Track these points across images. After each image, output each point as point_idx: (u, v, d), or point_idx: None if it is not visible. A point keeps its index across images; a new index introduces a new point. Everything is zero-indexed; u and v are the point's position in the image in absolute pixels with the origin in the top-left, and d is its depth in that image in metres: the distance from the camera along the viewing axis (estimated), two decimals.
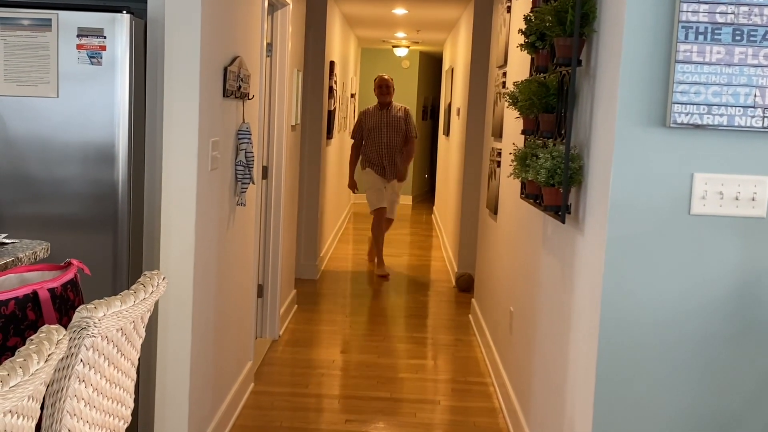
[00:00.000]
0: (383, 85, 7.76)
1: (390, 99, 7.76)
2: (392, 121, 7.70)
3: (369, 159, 7.73)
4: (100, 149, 2.98)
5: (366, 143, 7.74)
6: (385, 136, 7.67)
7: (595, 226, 2.52)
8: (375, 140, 7.68)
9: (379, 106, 7.76)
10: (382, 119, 7.70)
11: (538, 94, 3.00)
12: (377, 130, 7.69)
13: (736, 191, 2.30)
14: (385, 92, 7.73)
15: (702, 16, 2.24)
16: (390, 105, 7.75)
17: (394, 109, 7.76)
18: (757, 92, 2.25)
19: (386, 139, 7.65)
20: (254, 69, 4.13)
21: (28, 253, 2.06)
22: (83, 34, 2.90)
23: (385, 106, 7.73)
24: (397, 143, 7.71)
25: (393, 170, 7.74)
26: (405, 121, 7.75)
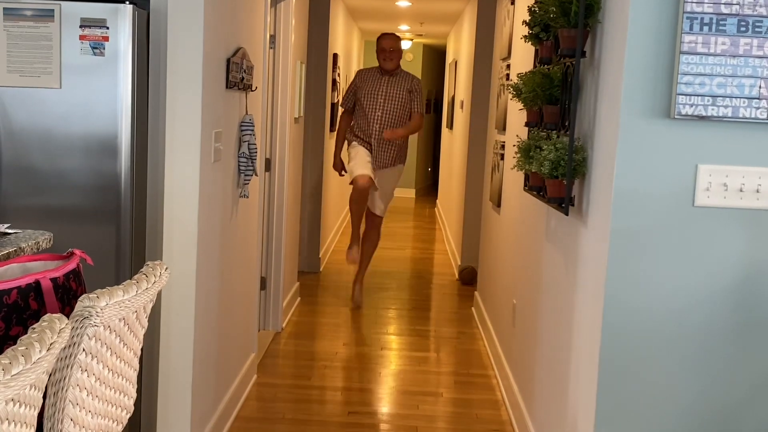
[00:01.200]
0: (387, 49, 6.09)
1: (395, 65, 6.12)
2: (393, 91, 6.09)
3: (356, 134, 6.19)
4: (103, 140, 2.97)
5: (356, 113, 6.17)
6: (380, 109, 6.05)
7: (599, 218, 2.51)
8: (367, 111, 6.06)
9: (380, 71, 6.15)
10: (380, 86, 6.09)
11: (542, 86, 2.99)
12: (372, 98, 6.07)
13: (740, 183, 2.30)
14: (389, 58, 6.09)
15: (707, 7, 2.22)
16: (395, 72, 6.16)
17: (400, 77, 6.16)
18: (762, 83, 2.24)
19: (380, 112, 6.05)
20: (257, 61, 4.13)
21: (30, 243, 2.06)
22: (86, 24, 2.89)
23: (388, 73, 6.14)
24: (395, 120, 6.08)
25: (385, 155, 6.13)
26: (410, 94, 6.14)
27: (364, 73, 6.29)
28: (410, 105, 6.12)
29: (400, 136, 6.05)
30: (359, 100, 6.12)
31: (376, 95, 6.07)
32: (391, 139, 6.01)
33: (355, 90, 6.19)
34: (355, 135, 6.17)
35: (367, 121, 6.07)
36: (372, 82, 6.14)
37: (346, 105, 6.28)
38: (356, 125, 6.17)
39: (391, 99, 6.08)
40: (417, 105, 6.17)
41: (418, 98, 6.16)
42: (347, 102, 6.26)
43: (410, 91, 6.11)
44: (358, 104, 6.13)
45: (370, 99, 6.08)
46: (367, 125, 6.07)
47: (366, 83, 6.16)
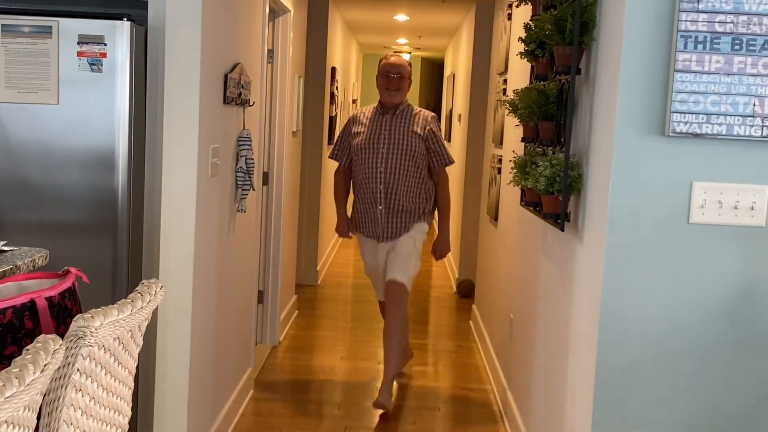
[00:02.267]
0: (392, 73, 4.44)
1: (400, 99, 4.43)
2: (399, 136, 4.36)
3: (358, 199, 4.51)
4: (100, 155, 2.98)
5: (355, 171, 4.49)
6: (383, 162, 4.34)
7: (595, 234, 2.52)
8: (365, 167, 4.38)
9: (380, 108, 4.45)
10: (380, 130, 4.39)
11: (538, 102, 3.00)
12: (370, 149, 4.37)
13: (735, 200, 2.30)
14: (394, 85, 4.41)
15: (701, 26, 2.24)
16: (399, 108, 4.42)
17: (406, 115, 4.42)
18: (756, 101, 2.25)
19: (384, 162, 4.33)
20: (255, 75, 4.14)
21: (26, 261, 2.07)
22: (84, 41, 2.91)
23: (391, 109, 4.42)
24: (405, 177, 4.35)
25: (398, 222, 4.41)
26: (426, 137, 4.39)
27: (359, 115, 4.52)
28: (425, 156, 4.38)
29: (448, 245, 4.65)
30: (355, 153, 4.43)
31: (375, 144, 4.35)
32: (444, 255, 4.65)
33: (348, 139, 4.51)
34: (354, 207, 4.57)
35: (368, 182, 4.37)
36: (369, 125, 4.41)
37: (338, 158, 4.57)
38: (356, 187, 4.51)
39: (397, 147, 4.33)
40: (438, 157, 4.40)
41: (438, 146, 4.39)
42: (340, 156, 4.55)
43: (426, 136, 4.37)
44: (355, 158, 4.44)
45: (367, 150, 4.36)
46: (369, 186, 4.38)
47: (362, 128, 4.44)
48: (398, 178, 4.33)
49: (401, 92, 4.42)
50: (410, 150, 4.32)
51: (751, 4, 2.23)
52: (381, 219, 4.37)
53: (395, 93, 4.39)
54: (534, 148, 3.24)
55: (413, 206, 4.38)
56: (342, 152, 4.56)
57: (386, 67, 4.45)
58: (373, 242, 4.47)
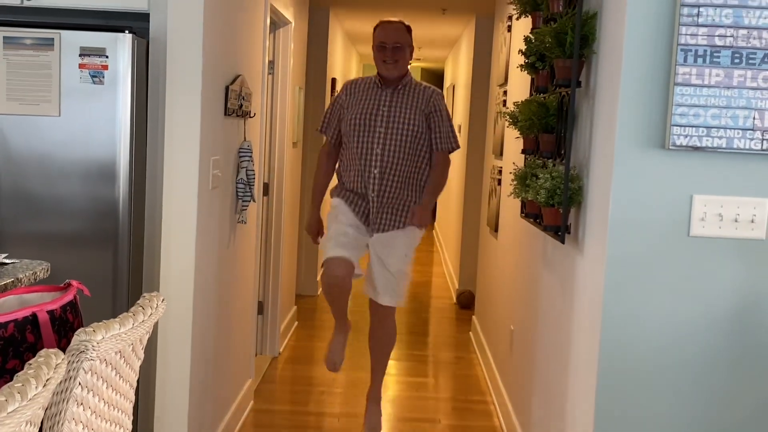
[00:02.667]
0: (388, 43, 3.80)
1: (400, 72, 3.81)
2: (401, 113, 3.78)
3: (343, 182, 3.92)
4: (101, 167, 2.99)
5: (344, 149, 3.90)
6: (380, 142, 3.74)
7: (595, 247, 2.52)
8: (359, 146, 3.78)
9: (378, 81, 3.85)
10: (379, 105, 3.80)
11: (538, 115, 3.00)
12: (366, 126, 3.78)
13: (735, 213, 2.31)
14: (391, 57, 3.78)
15: (701, 39, 2.25)
16: (402, 82, 3.83)
17: (410, 91, 3.83)
18: (756, 115, 2.26)
19: (381, 147, 3.74)
20: (256, 87, 4.15)
21: (27, 274, 2.07)
22: (85, 53, 2.92)
23: (392, 84, 3.82)
24: (405, 161, 3.77)
25: (390, 214, 3.82)
26: (428, 113, 3.80)
27: (355, 85, 3.90)
28: (427, 136, 3.80)
29: (429, 206, 3.88)
30: (347, 127, 3.80)
31: (372, 120, 3.75)
32: (421, 221, 3.80)
33: (339, 111, 3.88)
34: (342, 183, 3.91)
35: (361, 163, 3.75)
36: (366, 99, 3.81)
37: (326, 132, 3.95)
38: (343, 168, 3.88)
39: (398, 126, 3.75)
40: (440, 137, 3.82)
41: (441, 124, 3.82)
42: (328, 129, 3.93)
43: (428, 113, 3.79)
44: (346, 135, 3.82)
45: (363, 127, 3.75)
46: (361, 168, 3.76)
47: (357, 101, 3.82)
48: (396, 163, 3.75)
49: (401, 64, 3.78)
50: (412, 132, 3.75)
51: (751, 18, 2.24)
52: (373, 207, 3.78)
53: (393, 66, 3.75)
54: (534, 160, 3.24)
55: (411, 198, 3.80)
56: (331, 125, 3.91)
57: (380, 36, 3.80)
58: (357, 219, 3.82)
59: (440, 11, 7.02)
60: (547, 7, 2.98)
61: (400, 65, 3.78)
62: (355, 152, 3.78)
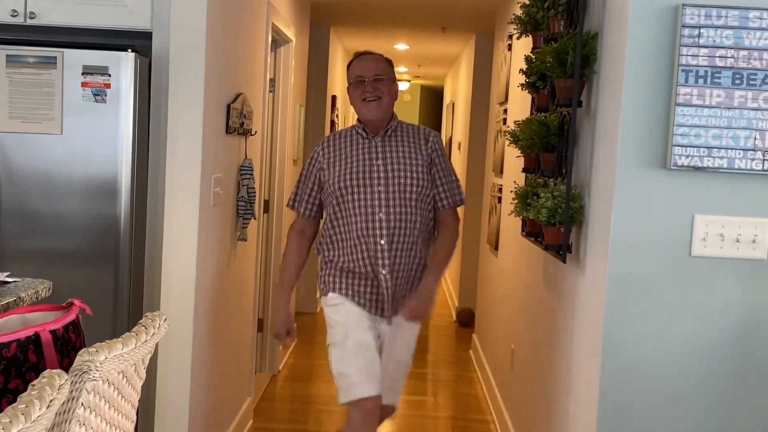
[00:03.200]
0: (366, 76, 3.09)
1: (384, 111, 3.09)
2: (400, 163, 3.05)
3: (334, 263, 3.11)
4: (103, 185, 2.99)
5: (331, 225, 3.11)
6: (382, 201, 3.01)
7: (597, 266, 2.52)
8: (356, 211, 3.02)
9: (363, 129, 3.12)
10: (372, 158, 3.07)
11: (539, 134, 3.01)
12: (361, 185, 3.03)
13: (736, 233, 2.31)
14: (372, 93, 3.06)
15: (702, 60, 2.26)
16: (391, 125, 3.12)
17: (404, 135, 3.13)
18: (757, 135, 2.27)
19: (385, 206, 3.01)
20: (257, 105, 4.16)
21: (30, 293, 2.07)
22: (88, 72, 2.93)
23: (380, 129, 3.10)
24: (412, 218, 3.04)
25: (402, 290, 3.08)
26: (430, 160, 3.10)
27: (333, 140, 3.15)
28: (431, 188, 3.07)
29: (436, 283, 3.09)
30: (336, 194, 3.03)
31: (368, 179, 3.01)
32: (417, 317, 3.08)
33: (317, 176, 3.13)
34: (332, 267, 3.10)
35: (361, 235, 2.99)
36: (353, 154, 3.06)
37: (300, 207, 3.18)
38: (331, 247, 3.10)
39: (400, 180, 3.01)
40: (447, 189, 3.12)
41: (446, 173, 3.13)
42: (302, 201, 3.17)
43: (430, 160, 3.08)
44: (333, 203, 3.05)
45: (358, 189, 3.00)
46: (362, 242, 3.00)
47: (341, 159, 3.07)
48: (405, 227, 2.99)
49: (384, 102, 3.03)
50: (418, 184, 3.00)
51: (752, 39, 2.25)
52: (387, 289, 3.00)
53: (376, 104, 3.02)
54: (535, 178, 3.25)
55: (423, 264, 3.08)
56: (305, 195, 3.14)
57: (356, 70, 3.09)
58: (368, 315, 3.04)
59: (440, 29, 7.06)
60: (547, 27, 2.99)
61: (384, 103, 3.03)
62: (350, 223, 2.98)
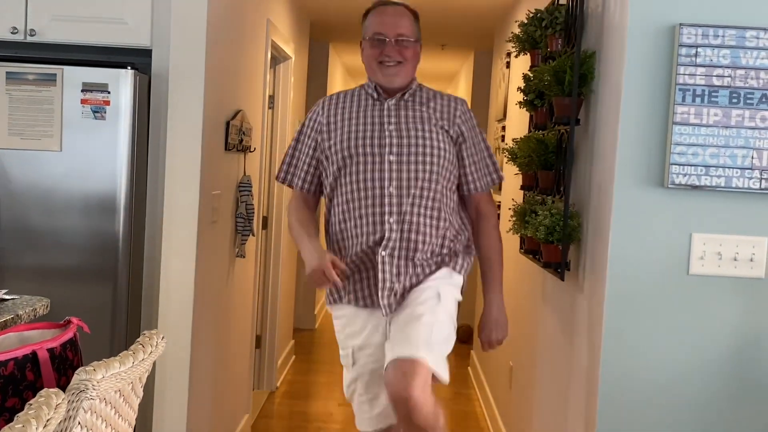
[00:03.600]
0: (388, 35, 2.53)
1: (405, 79, 2.58)
2: (416, 130, 2.53)
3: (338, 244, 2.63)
4: (102, 201, 2.99)
5: (334, 199, 2.59)
6: (393, 173, 2.50)
7: (595, 284, 2.52)
8: (361, 184, 2.52)
9: (375, 90, 2.61)
10: (383, 123, 2.55)
11: (537, 152, 3.02)
12: (369, 153, 2.52)
13: (734, 252, 2.31)
14: (395, 55, 2.53)
15: (699, 79, 2.27)
16: (409, 89, 2.60)
17: (420, 98, 2.61)
18: (754, 154, 2.28)
19: (396, 179, 2.50)
20: (256, 122, 4.17)
21: (27, 310, 2.07)
22: (88, 89, 2.94)
23: (394, 93, 2.59)
24: (429, 197, 2.53)
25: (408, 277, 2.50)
26: (456, 134, 2.59)
27: (337, 100, 2.66)
28: (456, 166, 2.60)
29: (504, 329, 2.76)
30: (338, 163, 2.55)
31: (377, 147, 2.51)
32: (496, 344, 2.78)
33: (314, 143, 2.63)
34: (340, 246, 2.61)
35: (366, 213, 2.51)
36: (360, 117, 2.57)
37: (291, 183, 2.70)
38: (335, 228, 2.61)
39: (414, 151, 2.52)
40: (479, 168, 2.65)
41: (477, 148, 2.65)
42: (296, 174, 2.69)
43: (455, 133, 2.59)
44: (335, 174, 2.57)
45: (365, 157, 2.52)
46: (367, 222, 2.51)
47: (346, 123, 2.58)
48: (419, 202, 2.47)
49: (407, 67, 2.51)
50: (436, 155, 2.48)
51: (749, 59, 2.26)
52: (388, 271, 2.45)
53: (396, 70, 2.49)
54: (533, 196, 3.25)
55: (441, 248, 2.52)
56: (300, 166, 2.61)
57: (375, 25, 2.51)
58: (371, 315, 2.51)
59: (439, 47, 7.08)
60: (545, 45, 3.01)
61: (406, 69, 2.50)
62: (355, 199, 2.47)
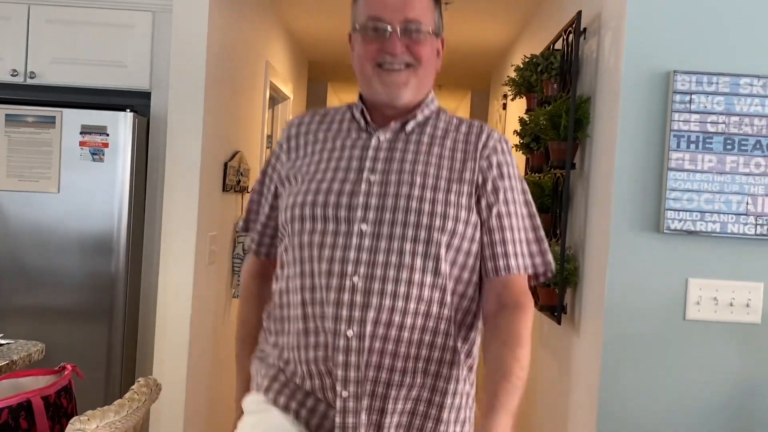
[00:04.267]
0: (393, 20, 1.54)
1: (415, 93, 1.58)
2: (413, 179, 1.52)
3: (270, 358, 1.63)
4: (99, 242, 2.99)
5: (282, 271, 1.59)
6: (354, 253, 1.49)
7: (591, 328, 2.52)
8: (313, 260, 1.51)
9: (362, 112, 1.62)
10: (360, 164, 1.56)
11: (534, 195, 3.03)
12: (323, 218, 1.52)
13: (730, 297, 2.31)
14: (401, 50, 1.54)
15: (693, 125, 2.29)
16: (418, 114, 1.60)
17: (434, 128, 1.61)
18: (749, 200, 2.29)
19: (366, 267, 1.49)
20: (254, 162, 4.19)
21: (23, 355, 2.06)
22: (87, 131, 2.95)
23: (389, 119, 1.60)
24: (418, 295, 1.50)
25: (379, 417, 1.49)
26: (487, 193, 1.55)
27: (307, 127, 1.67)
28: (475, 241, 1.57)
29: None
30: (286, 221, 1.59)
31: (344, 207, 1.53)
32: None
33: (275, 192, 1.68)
34: (269, 362, 1.66)
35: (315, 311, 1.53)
36: (331, 157, 1.60)
37: (254, 245, 1.76)
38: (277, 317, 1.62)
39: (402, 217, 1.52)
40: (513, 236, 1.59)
41: (513, 207, 1.59)
42: (262, 236, 1.73)
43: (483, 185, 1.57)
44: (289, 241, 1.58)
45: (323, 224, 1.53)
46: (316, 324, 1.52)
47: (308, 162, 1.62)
48: (403, 308, 1.52)
49: (421, 73, 1.60)
50: (442, 229, 1.53)
51: (742, 106, 2.28)
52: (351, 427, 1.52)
53: (403, 77, 1.58)
54: None
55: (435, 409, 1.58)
56: (259, 218, 1.74)
57: (373, 7, 1.58)
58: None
59: (436, 86, 7.14)
60: (541, 89, 3.04)
61: (420, 76, 1.59)
62: (298, 289, 1.57)
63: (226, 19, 3.38)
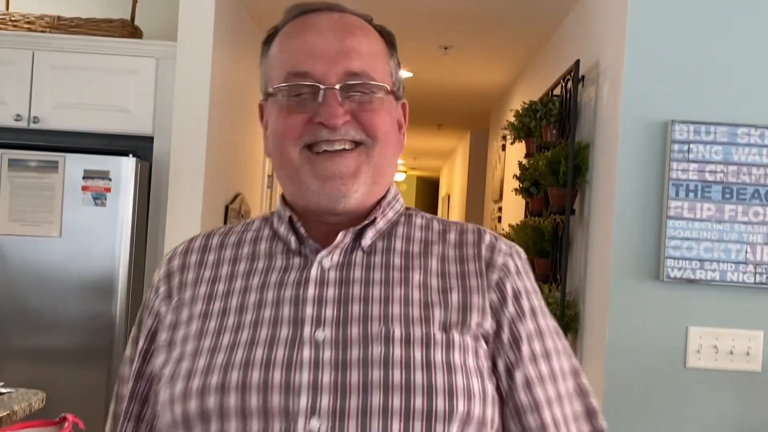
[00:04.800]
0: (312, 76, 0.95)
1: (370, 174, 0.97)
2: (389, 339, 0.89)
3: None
4: (100, 285, 3.00)
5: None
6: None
7: (592, 375, 2.51)
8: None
9: (287, 227, 0.99)
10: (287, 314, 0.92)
11: (534, 239, 3.04)
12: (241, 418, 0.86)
13: (730, 345, 2.32)
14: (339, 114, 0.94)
15: (692, 174, 2.30)
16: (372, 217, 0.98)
17: (410, 247, 0.99)
18: (748, 248, 2.30)
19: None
20: (254, 202, 4.20)
21: (23, 405, 2.05)
22: (89, 176, 2.97)
23: (332, 235, 0.97)
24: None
25: None
26: (505, 346, 0.95)
27: (198, 256, 1.04)
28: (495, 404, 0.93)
29: None
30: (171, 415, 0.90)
31: (273, 398, 0.87)
32: None
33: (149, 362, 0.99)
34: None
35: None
36: (243, 305, 0.95)
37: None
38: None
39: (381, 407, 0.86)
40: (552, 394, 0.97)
41: (551, 364, 0.98)
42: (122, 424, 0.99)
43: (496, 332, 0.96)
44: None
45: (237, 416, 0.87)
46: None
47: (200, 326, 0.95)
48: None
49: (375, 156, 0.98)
50: (446, 410, 0.87)
51: (740, 155, 2.30)
52: None
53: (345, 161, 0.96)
54: None
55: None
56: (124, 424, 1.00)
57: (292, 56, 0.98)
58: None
59: (436, 126, 7.18)
60: (540, 135, 3.06)
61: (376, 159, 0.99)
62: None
63: (229, 63, 3.41)
